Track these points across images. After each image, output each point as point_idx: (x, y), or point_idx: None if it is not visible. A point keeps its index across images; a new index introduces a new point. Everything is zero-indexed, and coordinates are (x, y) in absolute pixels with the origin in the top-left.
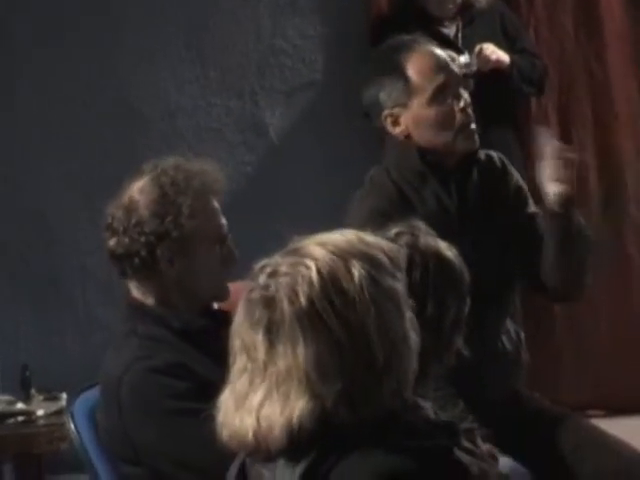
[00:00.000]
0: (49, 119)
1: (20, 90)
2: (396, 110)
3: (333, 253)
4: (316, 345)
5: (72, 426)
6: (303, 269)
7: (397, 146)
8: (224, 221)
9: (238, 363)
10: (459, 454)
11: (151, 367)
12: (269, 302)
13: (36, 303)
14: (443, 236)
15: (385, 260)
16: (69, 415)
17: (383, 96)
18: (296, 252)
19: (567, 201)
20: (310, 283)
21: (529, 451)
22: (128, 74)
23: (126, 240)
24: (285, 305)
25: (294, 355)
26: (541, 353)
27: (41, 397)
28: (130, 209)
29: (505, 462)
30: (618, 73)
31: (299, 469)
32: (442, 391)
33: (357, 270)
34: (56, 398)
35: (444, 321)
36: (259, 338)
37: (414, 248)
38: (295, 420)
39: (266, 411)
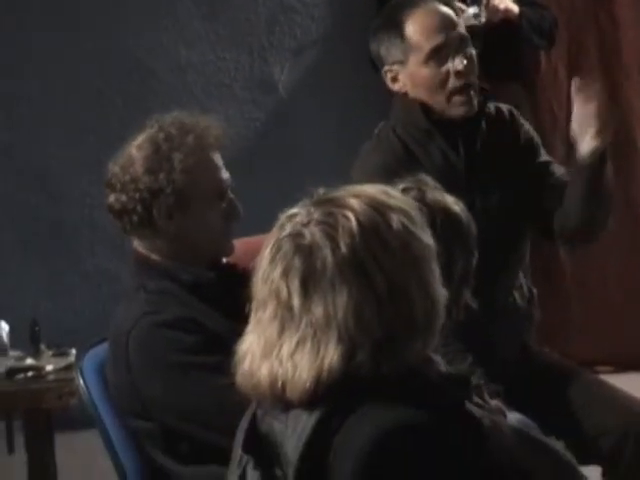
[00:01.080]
0: (56, 75)
1: (26, 47)
2: (395, 67)
3: (369, 205)
4: (356, 296)
5: (81, 381)
6: (342, 219)
7: (402, 102)
8: (225, 175)
9: (267, 311)
10: (470, 407)
11: (159, 321)
12: (306, 250)
13: (45, 258)
14: (450, 191)
15: (417, 214)
16: (78, 370)
17: (383, 51)
18: (330, 202)
19: (601, 154)
20: (351, 233)
21: (538, 406)
22: (137, 30)
23: (123, 197)
24: (326, 254)
25: (333, 304)
26: (550, 309)
27: (50, 352)
28: (126, 165)
29: (515, 416)
30: (627, 28)
31: (312, 420)
32: (451, 346)
33: (395, 223)
34: (65, 353)
35: (452, 275)
36: (294, 286)
37: (421, 203)
38: (326, 368)
39: (297, 358)
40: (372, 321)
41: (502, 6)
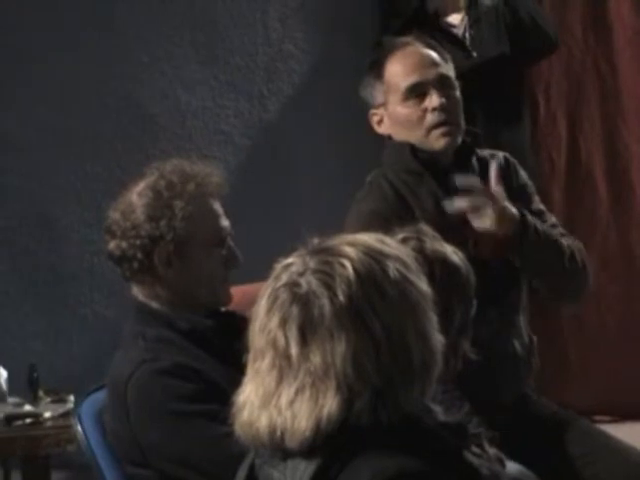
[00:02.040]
0: (58, 120)
1: (29, 92)
2: (379, 110)
3: (365, 253)
4: (354, 344)
5: (79, 428)
6: (339, 267)
7: (392, 146)
8: (225, 223)
9: (265, 361)
10: (469, 456)
11: (158, 369)
12: (303, 299)
13: (43, 304)
14: (443, 236)
15: (412, 262)
16: (76, 417)
17: (368, 95)
18: (326, 251)
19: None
20: (348, 281)
21: (536, 455)
22: (137, 75)
23: (123, 243)
24: (324, 302)
25: (332, 353)
26: (548, 357)
27: (48, 399)
28: (127, 212)
29: (513, 466)
30: (627, 77)
31: (310, 469)
32: (448, 393)
33: (392, 271)
34: (64, 400)
35: (450, 325)
36: (292, 335)
37: (421, 253)
38: (325, 417)
39: (296, 407)
40: (370, 369)
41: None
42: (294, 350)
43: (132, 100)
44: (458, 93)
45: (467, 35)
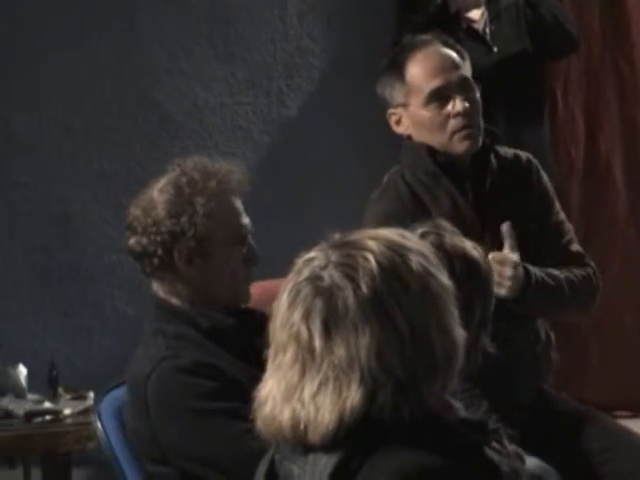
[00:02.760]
0: (75, 120)
1: (46, 92)
2: (398, 109)
3: (387, 247)
4: (378, 336)
5: (99, 425)
6: (362, 260)
7: (409, 146)
8: (245, 221)
9: (288, 355)
10: (489, 453)
11: (177, 366)
12: (327, 292)
13: (63, 301)
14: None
15: (433, 256)
16: (96, 414)
17: (387, 94)
18: (348, 245)
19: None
20: (371, 274)
21: (556, 451)
22: (155, 73)
23: (144, 239)
24: (347, 294)
25: (356, 345)
26: (567, 353)
27: (68, 396)
28: (148, 208)
29: (533, 462)
30: None
31: (330, 464)
32: (468, 392)
33: (414, 264)
34: (83, 397)
35: (470, 321)
36: (316, 327)
37: (440, 248)
38: (348, 409)
39: (320, 400)
40: (394, 361)
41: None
42: (318, 343)
43: (150, 98)
44: (478, 95)
45: (487, 30)
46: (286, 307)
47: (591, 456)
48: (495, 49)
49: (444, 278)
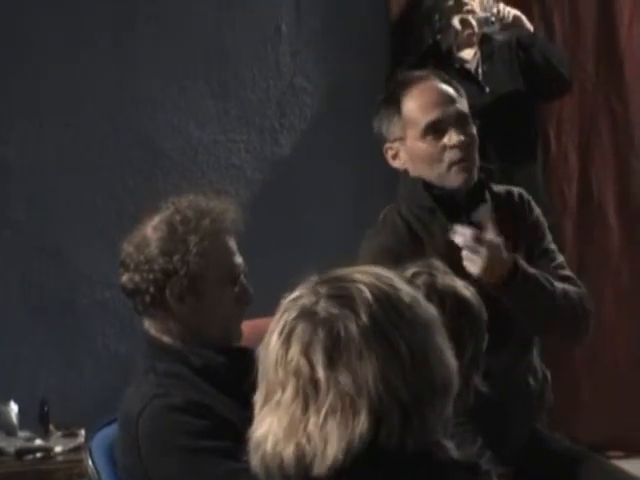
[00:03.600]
0: (68, 155)
1: (39, 126)
2: (395, 144)
3: (377, 279)
4: (382, 362)
5: (90, 463)
6: (356, 291)
7: (406, 181)
8: (239, 261)
9: (287, 392)
10: None
11: (169, 405)
12: (327, 323)
13: (55, 338)
14: (454, 271)
15: (418, 291)
16: (87, 452)
17: (384, 129)
18: (337, 279)
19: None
20: (368, 303)
21: None
22: (148, 110)
23: (136, 277)
24: (348, 323)
25: (362, 372)
26: (560, 391)
27: (59, 433)
28: (141, 246)
29: None
30: (638, 110)
31: None
32: (461, 426)
33: (404, 295)
34: (74, 434)
35: (461, 360)
36: (317, 359)
37: (432, 288)
38: (357, 437)
39: (327, 431)
40: (398, 384)
41: (511, 13)
42: (321, 374)
43: (143, 134)
44: (474, 129)
45: (480, 70)
46: (279, 346)
47: None
48: (487, 89)
49: (432, 309)
